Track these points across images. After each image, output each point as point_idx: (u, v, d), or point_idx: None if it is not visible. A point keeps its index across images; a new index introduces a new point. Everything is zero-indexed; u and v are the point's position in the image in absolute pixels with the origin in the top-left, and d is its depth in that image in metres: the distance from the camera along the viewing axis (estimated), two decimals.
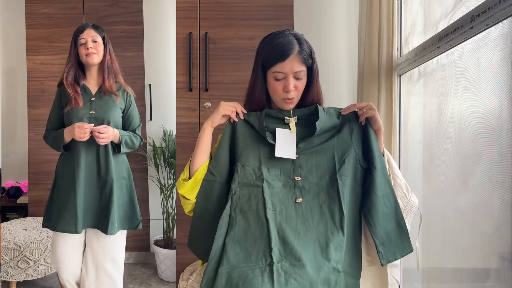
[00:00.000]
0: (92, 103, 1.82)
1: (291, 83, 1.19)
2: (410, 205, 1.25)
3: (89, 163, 1.79)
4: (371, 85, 1.75)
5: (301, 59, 1.21)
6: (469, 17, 1.14)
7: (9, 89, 3.18)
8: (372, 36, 1.75)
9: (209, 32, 2.08)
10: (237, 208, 1.15)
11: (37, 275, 2.26)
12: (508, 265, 1.14)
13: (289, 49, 1.21)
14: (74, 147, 1.79)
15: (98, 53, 1.81)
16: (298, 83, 1.21)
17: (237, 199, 1.16)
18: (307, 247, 1.07)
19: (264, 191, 1.15)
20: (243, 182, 1.17)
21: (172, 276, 2.76)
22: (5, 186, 3.15)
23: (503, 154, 1.15)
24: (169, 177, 2.93)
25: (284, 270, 1.02)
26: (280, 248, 1.06)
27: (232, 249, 1.08)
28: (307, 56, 1.22)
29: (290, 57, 1.20)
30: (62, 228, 1.75)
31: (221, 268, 1.05)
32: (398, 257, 1.15)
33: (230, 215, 1.15)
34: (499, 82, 1.17)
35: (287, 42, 1.22)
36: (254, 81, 1.28)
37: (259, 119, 1.22)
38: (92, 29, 1.82)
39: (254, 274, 1.01)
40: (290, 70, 1.20)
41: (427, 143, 1.66)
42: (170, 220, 2.84)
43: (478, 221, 1.31)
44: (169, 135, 2.96)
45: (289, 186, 1.16)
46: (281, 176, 1.17)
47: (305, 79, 1.23)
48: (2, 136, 3.04)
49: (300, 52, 1.21)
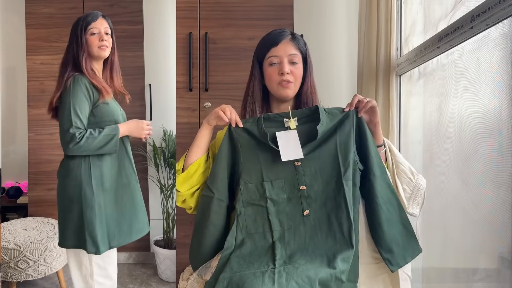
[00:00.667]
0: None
1: (286, 66, 1.18)
2: (417, 189, 1.21)
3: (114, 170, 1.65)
4: (370, 85, 1.76)
5: (295, 44, 1.21)
6: (469, 17, 1.14)
7: (9, 89, 3.18)
8: (371, 36, 1.75)
9: (209, 32, 2.08)
10: (243, 229, 1.13)
11: (37, 275, 2.25)
12: (508, 265, 1.14)
13: (281, 35, 1.21)
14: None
15: (109, 47, 1.66)
16: (293, 68, 1.20)
17: (243, 221, 1.14)
18: (313, 260, 1.05)
19: (269, 212, 1.12)
20: (247, 202, 1.15)
21: (172, 276, 2.76)
22: (5, 186, 3.15)
23: (503, 154, 1.15)
24: (169, 177, 2.93)
25: (286, 272, 1.00)
26: (286, 260, 1.06)
27: (236, 262, 1.08)
28: (301, 44, 1.22)
29: (283, 41, 1.20)
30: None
31: (223, 274, 1.04)
32: (408, 260, 1.13)
33: (237, 235, 1.13)
34: (499, 82, 1.17)
35: (279, 31, 1.23)
36: (250, 76, 1.28)
37: (258, 125, 1.18)
38: (105, 20, 1.67)
39: (255, 276, 1.00)
40: (284, 53, 1.19)
41: (427, 143, 1.66)
42: (170, 220, 2.84)
43: (478, 221, 1.31)
44: (169, 135, 2.96)
45: (295, 197, 1.13)
46: (286, 188, 1.14)
47: (301, 67, 1.22)
48: (2, 136, 3.04)
49: (293, 38, 1.22)
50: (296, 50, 1.20)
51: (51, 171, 2.90)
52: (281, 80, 1.19)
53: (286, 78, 1.18)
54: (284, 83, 1.19)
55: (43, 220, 2.57)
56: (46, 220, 2.57)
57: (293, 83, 1.20)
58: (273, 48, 1.20)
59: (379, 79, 1.71)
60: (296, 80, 1.21)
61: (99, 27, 1.63)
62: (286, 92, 1.21)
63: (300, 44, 1.22)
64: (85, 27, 1.62)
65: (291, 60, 1.20)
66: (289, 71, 1.18)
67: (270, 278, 0.98)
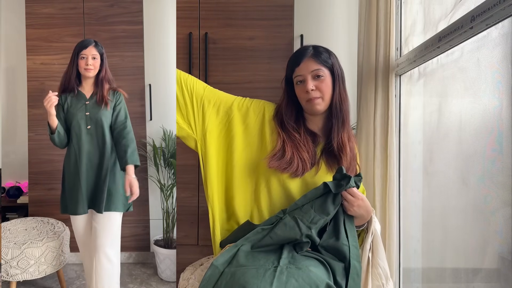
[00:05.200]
0: (87, 106, 2.08)
1: (310, 83, 1.21)
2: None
3: (90, 154, 2.08)
4: (369, 85, 1.75)
5: (317, 59, 1.22)
6: (469, 17, 1.13)
7: (9, 89, 3.18)
8: (370, 36, 1.75)
9: (209, 32, 2.07)
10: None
11: (37, 275, 2.25)
12: (508, 265, 1.14)
13: (302, 53, 1.24)
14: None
15: (95, 69, 2.08)
16: (319, 83, 1.22)
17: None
18: (318, 266, 1.08)
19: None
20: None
21: (172, 276, 2.76)
22: (5, 186, 3.15)
23: (503, 154, 1.15)
24: (169, 177, 2.93)
25: (288, 271, 1.01)
26: (291, 260, 1.07)
27: (244, 256, 1.10)
28: (324, 58, 1.23)
29: (304, 60, 1.22)
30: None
31: (229, 267, 1.06)
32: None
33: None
34: (499, 82, 1.17)
35: (301, 49, 1.25)
36: (282, 97, 1.32)
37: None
38: (94, 48, 2.06)
39: (257, 272, 1.01)
40: (307, 71, 1.21)
41: (427, 143, 1.66)
42: (170, 220, 2.84)
43: (478, 221, 1.31)
44: (169, 135, 2.96)
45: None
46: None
47: (327, 79, 1.23)
48: (2, 136, 3.04)
49: (314, 54, 1.23)
50: (319, 65, 1.22)
51: (51, 171, 2.90)
52: (308, 98, 1.22)
53: (312, 95, 1.21)
54: (311, 100, 1.22)
55: (43, 220, 2.57)
56: (46, 220, 2.57)
57: (321, 98, 1.23)
58: (296, 68, 1.23)
59: (379, 79, 1.71)
60: (324, 94, 1.23)
61: (87, 53, 2.05)
62: (316, 108, 1.24)
63: (323, 57, 1.23)
64: (77, 52, 2.06)
65: (316, 75, 1.21)
66: (313, 87, 1.21)
67: (271, 274, 0.99)
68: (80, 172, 2.05)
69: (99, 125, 2.07)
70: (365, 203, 1.19)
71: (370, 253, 1.22)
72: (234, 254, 1.12)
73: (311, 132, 1.31)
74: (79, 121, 2.06)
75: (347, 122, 1.30)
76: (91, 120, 2.07)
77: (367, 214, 1.21)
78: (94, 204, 2.08)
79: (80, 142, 2.06)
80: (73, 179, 2.08)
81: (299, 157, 1.24)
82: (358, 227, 1.26)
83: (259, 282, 0.96)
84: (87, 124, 2.06)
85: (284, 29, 2.05)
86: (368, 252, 1.22)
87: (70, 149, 2.10)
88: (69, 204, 2.10)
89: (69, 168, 2.09)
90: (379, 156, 1.67)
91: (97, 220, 2.08)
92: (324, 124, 1.32)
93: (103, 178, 2.07)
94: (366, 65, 1.78)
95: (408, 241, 1.72)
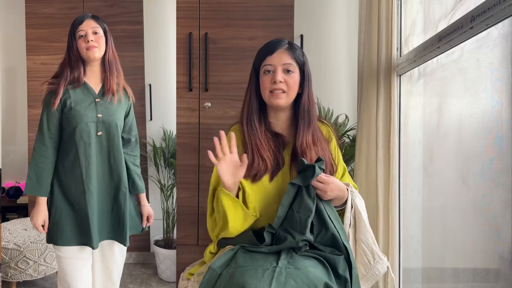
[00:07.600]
0: (97, 105, 1.59)
1: (279, 74, 1.18)
2: (373, 273, 1.20)
3: (103, 169, 1.60)
4: (370, 85, 1.75)
5: (291, 53, 1.21)
6: (469, 17, 1.13)
7: (9, 89, 3.18)
8: (371, 36, 1.75)
9: (209, 32, 2.07)
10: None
11: (37, 275, 2.25)
12: (508, 265, 1.14)
13: (277, 44, 1.22)
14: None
15: (99, 47, 1.58)
16: (288, 78, 1.19)
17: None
18: (317, 266, 1.08)
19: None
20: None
21: (172, 276, 2.76)
22: (5, 186, 3.15)
23: (503, 154, 1.15)
24: (169, 177, 2.93)
25: (286, 271, 1.01)
26: (289, 261, 1.07)
27: (242, 257, 1.10)
28: (298, 54, 1.22)
29: (278, 50, 1.20)
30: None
31: (228, 269, 1.07)
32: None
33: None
34: (499, 81, 1.17)
35: (276, 40, 1.23)
36: (248, 85, 1.29)
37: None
38: (92, 20, 1.61)
39: (256, 272, 1.01)
40: (279, 62, 1.19)
41: (427, 143, 1.66)
42: (170, 220, 2.84)
43: (478, 221, 1.31)
44: (169, 135, 2.96)
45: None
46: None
47: (297, 76, 1.21)
48: (2, 136, 3.04)
49: (289, 48, 1.21)
50: (292, 60, 1.20)
51: None
52: (273, 89, 1.19)
53: (279, 86, 1.18)
54: (275, 92, 1.19)
55: None
56: None
57: (286, 93, 1.20)
58: (268, 57, 1.21)
59: (380, 79, 1.71)
60: (289, 90, 1.21)
61: (85, 28, 1.58)
62: (277, 102, 1.20)
63: (297, 53, 1.22)
64: (73, 32, 1.60)
65: (286, 68, 1.20)
66: (282, 80, 1.18)
67: (269, 275, 0.99)
68: (89, 193, 1.54)
69: (113, 131, 1.60)
70: (336, 184, 1.17)
71: (350, 228, 1.21)
72: (232, 256, 1.12)
73: (275, 133, 1.29)
74: (89, 125, 1.55)
75: (313, 123, 1.27)
76: (103, 124, 1.58)
77: (342, 193, 1.20)
78: (115, 234, 1.62)
79: (88, 153, 1.54)
80: (78, 202, 1.55)
81: (260, 155, 1.22)
82: (340, 207, 1.24)
83: (257, 282, 0.96)
84: (98, 130, 1.58)
85: (284, 29, 2.05)
86: (349, 228, 1.21)
87: (75, 164, 1.55)
88: (72, 234, 1.54)
89: (74, 187, 1.55)
90: (382, 157, 1.67)
91: (108, 253, 1.67)
92: (289, 125, 1.31)
93: (122, 201, 1.60)
94: (367, 65, 1.78)
95: (408, 241, 1.72)
